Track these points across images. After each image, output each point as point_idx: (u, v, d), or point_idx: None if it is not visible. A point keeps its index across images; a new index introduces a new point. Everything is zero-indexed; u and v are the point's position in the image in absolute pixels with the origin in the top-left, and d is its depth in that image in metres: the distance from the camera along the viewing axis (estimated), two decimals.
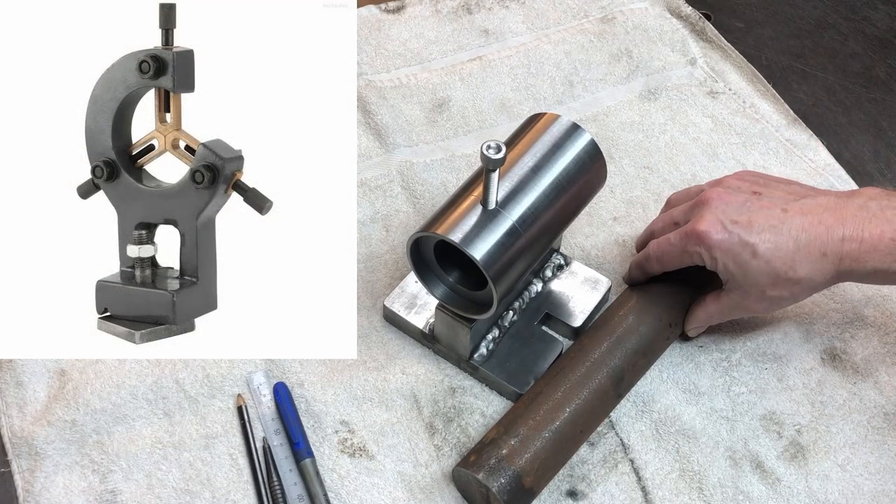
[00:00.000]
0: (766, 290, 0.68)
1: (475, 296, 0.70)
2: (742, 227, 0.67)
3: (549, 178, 0.70)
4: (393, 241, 0.85)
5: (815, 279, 0.67)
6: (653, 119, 0.96)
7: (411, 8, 1.05)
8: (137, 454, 0.71)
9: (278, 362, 0.76)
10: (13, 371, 0.75)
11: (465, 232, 0.65)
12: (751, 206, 0.68)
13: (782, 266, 0.67)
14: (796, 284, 0.67)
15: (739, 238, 0.67)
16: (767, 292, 0.68)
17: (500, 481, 0.65)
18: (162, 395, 0.74)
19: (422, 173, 0.90)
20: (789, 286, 0.68)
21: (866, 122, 0.97)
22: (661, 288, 0.76)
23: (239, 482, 0.70)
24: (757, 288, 0.68)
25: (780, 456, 0.72)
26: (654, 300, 0.75)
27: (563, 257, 0.81)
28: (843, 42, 1.05)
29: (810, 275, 0.67)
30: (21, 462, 0.70)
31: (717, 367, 0.77)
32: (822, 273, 0.67)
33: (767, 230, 0.67)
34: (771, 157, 0.92)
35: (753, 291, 0.69)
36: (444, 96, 0.97)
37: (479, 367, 0.75)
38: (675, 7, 1.06)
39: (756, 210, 0.68)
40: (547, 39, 1.03)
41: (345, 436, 0.72)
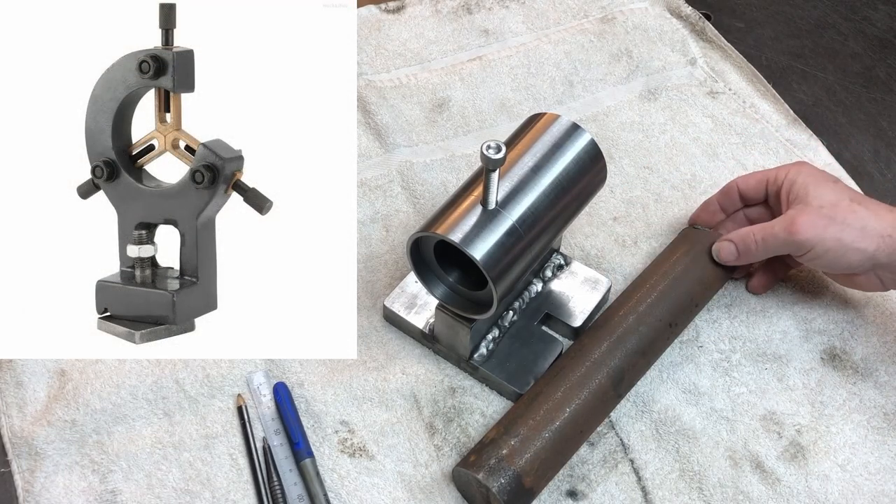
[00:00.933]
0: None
1: (475, 296, 0.70)
2: (836, 209, 0.73)
3: (549, 178, 0.70)
4: (393, 241, 0.85)
5: (879, 255, 0.72)
6: (653, 119, 0.96)
7: (411, 8, 1.05)
8: (137, 454, 0.71)
9: (278, 362, 0.76)
10: (13, 371, 0.75)
11: (465, 232, 0.65)
12: (854, 203, 0.74)
13: (856, 238, 0.72)
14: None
15: (835, 218, 0.72)
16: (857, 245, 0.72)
17: (500, 481, 0.65)
18: (162, 395, 0.74)
19: (422, 173, 0.90)
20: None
21: (866, 122, 0.97)
22: (662, 288, 0.76)
23: (239, 482, 0.70)
24: (816, 200, 0.74)
25: (780, 456, 0.72)
26: (655, 300, 0.75)
27: (563, 257, 0.81)
28: (843, 42, 1.05)
29: (875, 251, 0.71)
30: (21, 462, 0.70)
31: (717, 367, 0.77)
32: (883, 251, 0.72)
33: (852, 213, 0.72)
34: (771, 157, 0.92)
35: (812, 203, 0.73)
36: (444, 96, 0.97)
37: (479, 367, 0.75)
38: (675, 7, 1.06)
39: (859, 204, 0.74)
40: (547, 39, 1.03)
41: (345, 436, 0.72)
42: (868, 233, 0.72)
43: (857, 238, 0.72)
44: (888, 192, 0.90)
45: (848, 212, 0.72)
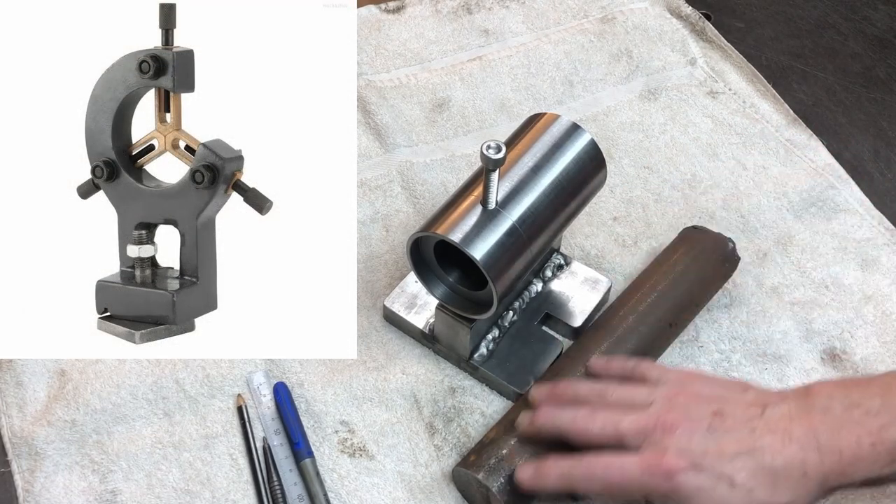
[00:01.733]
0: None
1: (475, 296, 0.70)
2: (714, 459, 0.60)
3: (549, 178, 0.70)
4: (393, 241, 0.85)
5: (802, 501, 0.61)
6: (653, 119, 0.96)
7: (411, 8, 1.05)
8: (137, 454, 0.71)
9: (278, 362, 0.76)
10: (13, 371, 0.75)
11: (465, 232, 0.65)
12: (717, 431, 0.61)
13: (765, 492, 0.59)
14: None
15: (713, 471, 0.59)
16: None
17: (500, 481, 0.65)
18: (162, 395, 0.74)
19: (422, 173, 0.90)
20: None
21: (866, 122, 0.97)
22: (662, 288, 0.76)
23: (239, 482, 0.70)
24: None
25: None
26: (655, 300, 0.75)
27: (563, 257, 0.81)
28: (843, 42, 1.05)
29: (796, 498, 0.60)
30: (21, 462, 0.70)
31: (717, 367, 0.77)
32: (807, 493, 0.60)
33: (741, 457, 0.60)
34: (771, 157, 0.92)
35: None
36: (444, 96, 0.97)
37: (479, 367, 0.75)
38: (675, 7, 1.06)
39: (723, 435, 0.61)
40: (547, 39, 1.03)
41: (345, 436, 0.72)
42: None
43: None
44: (888, 192, 0.90)
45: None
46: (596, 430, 0.63)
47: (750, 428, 0.61)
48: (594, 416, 0.64)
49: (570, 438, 0.64)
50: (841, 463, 0.60)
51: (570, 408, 0.65)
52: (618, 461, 0.61)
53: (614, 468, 0.61)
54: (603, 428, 0.63)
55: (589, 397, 0.66)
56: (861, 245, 0.85)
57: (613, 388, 0.66)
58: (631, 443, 0.62)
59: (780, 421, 0.61)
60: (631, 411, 0.63)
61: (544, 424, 0.65)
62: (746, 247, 0.84)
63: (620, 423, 0.62)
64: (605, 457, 0.62)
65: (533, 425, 0.66)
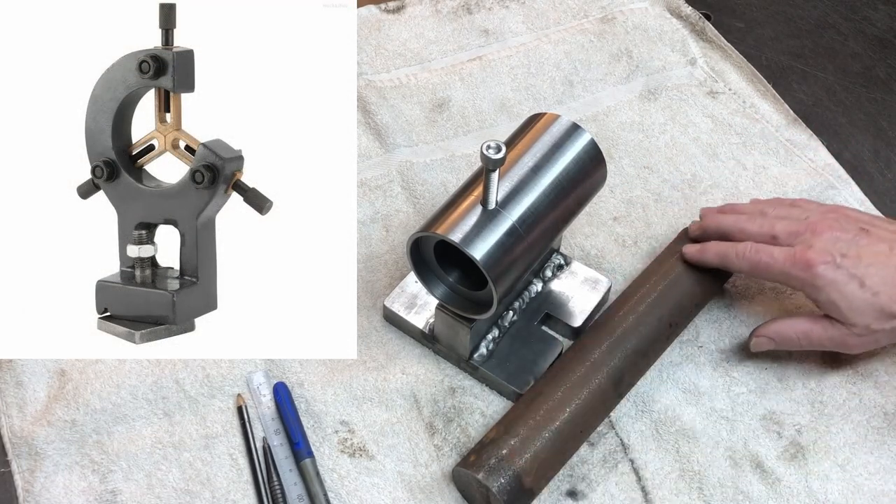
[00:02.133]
0: (870, 323, 0.69)
1: (475, 296, 0.70)
2: (851, 261, 0.69)
3: (549, 178, 0.70)
4: (393, 241, 0.85)
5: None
6: (653, 119, 0.96)
7: (411, 8, 1.05)
8: (137, 454, 0.71)
9: (278, 362, 0.76)
10: (13, 371, 0.75)
11: (465, 232, 0.65)
12: (860, 242, 0.70)
13: (888, 299, 0.68)
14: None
15: (848, 271, 0.69)
16: (871, 325, 0.69)
17: (500, 481, 0.65)
18: (162, 395, 0.74)
19: (422, 173, 0.90)
20: (892, 320, 0.69)
21: (866, 122, 0.97)
22: (662, 288, 0.76)
23: (239, 482, 0.70)
24: (862, 320, 0.69)
25: (780, 456, 0.72)
26: (655, 300, 0.75)
27: (563, 257, 0.81)
28: (843, 42, 1.05)
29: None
30: (21, 462, 0.70)
31: (717, 367, 0.77)
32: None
33: (875, 265, 0.69)
34: (771, 157, 0.92)
35: (859, 323, 0.69)
36: (444, 96, 0.97)
37: (479, 367, 0.75)
38: (675, 7, 1.06)
39: (864, 246, 0.70)
40: (547, 39, 1.03)
41: (345, 436, 0.72)
42: None
43: None
44: (888, 192, 0.90)
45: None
46: (754, 229, 0.74)
47: (890, 246, 0.70)
48: (754, 220, 0.75)
49: (732, 237, 0.75)
50: None
51: (733, 214, 0.77)
52: (768, 248, 0.72)
53: (764, 252, 0.72)
54: (760, 228, 0.74)
55: (752, 212, 0.76)
56: None
57: (774, 205, 0.77)
58: (783, 241, 0.72)
59: None
60: (787, 220, 0.73)
61: (710, 225, 0.77)
62: None
63: (776, 225, 0.73)
64: (758, 244, 0.73)
65: (700, 227, 0.78)
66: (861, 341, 0.71)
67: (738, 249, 0.74)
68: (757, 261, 0.72)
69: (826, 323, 0.71)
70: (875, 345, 0.72)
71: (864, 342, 0.71)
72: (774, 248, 0.72)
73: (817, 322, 0.72)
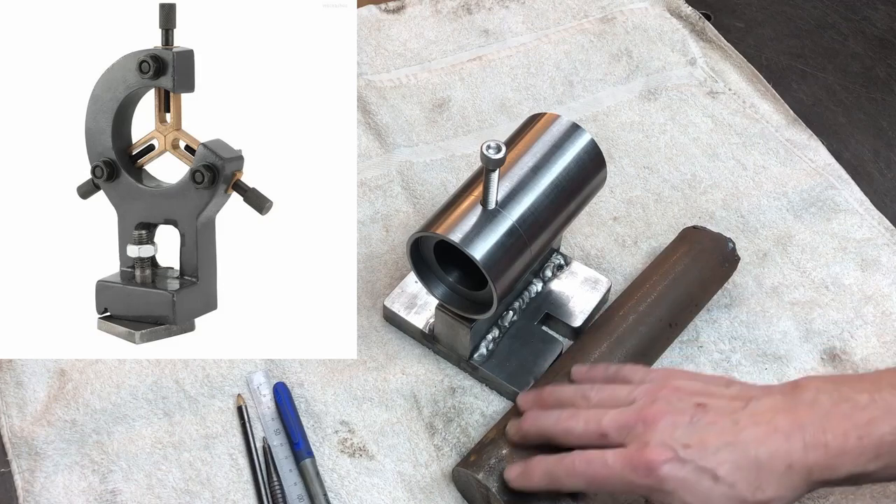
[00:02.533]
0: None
1: (475, 296, 0.70)
2: (695, 451, 0.58)
3: (549, 178, 0.70)
4: (393, 241, 0.85)
5: (786, 496, 0.59)
6: (653, 119, 0.96)
7: (411, 8, 1.05)
8: (137, 454, 0.71)
9: (278, 362, 0.76)
10: (13, 371, 0.75)
11: (465, 232, 0.65)
12: (699, 423, 0.60)
13: (747, 488, 0.58)
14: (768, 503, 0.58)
15: (696, 464, 0.58)
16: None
17: (500, 481, 0.65)
18: (162, 395, 0.74)
19: (422, 173, 0.90)
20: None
21: (866, 122, 0.97)
22: (662, 288, 0.76)
23: (239, 482, 0.70)
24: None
25: None
26: (655, 300, 0.75)
27: (563, 257, 0.81)
28: (843, 42, 1.05)
29: (780, 493, 0.58)
30: (21, 462, 0.70)
31: (717, 367, 0.77)
32: (791, 488, 0.59)
33: (723, 449, 0.58)
34: (771, 157, 0.92)
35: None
36: (444, 96, 0.97)
37: (479, 367, 0.75)
38: (675, 7, 1.06)
39: (705, 427, 0.59)
40: (547, 39, 1.03)
41: (345, 436, 0.72)
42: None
43: None
44: (888, 193, 0.90)
45: None
46: (579, 429, 0.63)
47: (733, 420, 0.60)
48: (577, 416, 0.63)
49: (556, 440, 0.64)
50: (827, 456, 0.58)
51: (554, 411, 0.65)
52: (599, 456, 0.60)
53: (596, 463, 0.60)
54: (586, 426, 0.62)
55: (573, 400, 0.66)
56: (861, 245, 0.85)
57: (597, 389, 0.66)
58: (614, 439, 0.61)
59: (765, 413, 0.60)
60: (613, 409, 0.63)
61: (529, 429, 0.65)
62: (746, 247, 0.84)
63: (602, 420, 0.62)
64: (587, 452, 0.61)
65: (519, 431, 0.66)
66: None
67: (565, 465, 0.62)
68: (592, 475, 0.60)
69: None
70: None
71: None
72: (607, 454, 0.60)
73: None
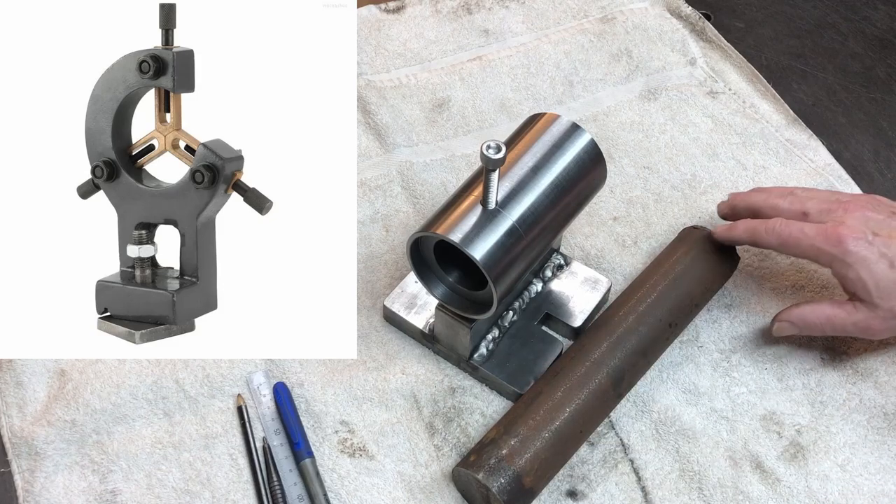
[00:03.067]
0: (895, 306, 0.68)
1: (475, 296, 0.70)
2: (882, 240, 0.68)
3: (549, 178, 0.70)
4: (393, 241, 0.85)
5: None
6: (653, 119, 0.96)
7: (411, 8, 1.05)
8: (137, 454, 0.71)
9: (278, 362, 0.76)
10: (13, 371, 0.75)
11: (465, 232, 0.65)
12: (891, 224, 0.69)
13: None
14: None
15: (879, 249, 0.68)
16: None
17: (499, 481, 0.65)
18: (162, 395, 0.74)
19: (422, 173, 0.90)
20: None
21: (866, 122, 0.97)
22: (662, 288, 0.76)
23: (239, 482, 0.70)
24: (888, 302, 0.68)
25: (780, 456, 0.72)
26: (655, 300, 0.75)
27: (563, 257, 0.81)
28: (843, 42, 1.05)
29: None
30: (21, 462, 0.70)
31: (717, 367, 0.77)
32: None
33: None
34: (771, 157, 0.92)
35: (883, 307, 0.69)
36: (444, 96, 0.97)
37: (479, 367, 0.75)
38: (675, 7, 1.06)
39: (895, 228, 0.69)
40: (547, 39, 1.03)
41: (345, 436, 0.72)
42: None
43: None
44: (888, 192, 0.90)
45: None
46: (785, 205, 0.73)
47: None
48: (784, 196, 0.74)
49: (762, 214, 0.75)
50: None
51: (763, 191, 0.77)
52: (798, 224, 0.71)
53: (794, 227, 0.71)
54: (791, 205, 0.73)
55: (781, 194, 0.75)
56: None
57: (803, 189, 0.75)
58: (814, 218, 0.71)
59: None
60: (817, 197, 0.73)
61: (739, 202, 0.77)
62: (746, 247, 0.84)
63: (807, 203, 0.72)
64: (788, 220, 0.72)
65: (728, 205, 0.78)
66: (885, 325, 0.70)
67: (767, 225, 0.73)
68: (787, 235, 0.71)
69: (850, 307, 0.71)
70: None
71: (888, 327, 0.70)
72: (805, 224, 0.71)
73: (841, 307, 0.71)
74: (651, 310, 0.74)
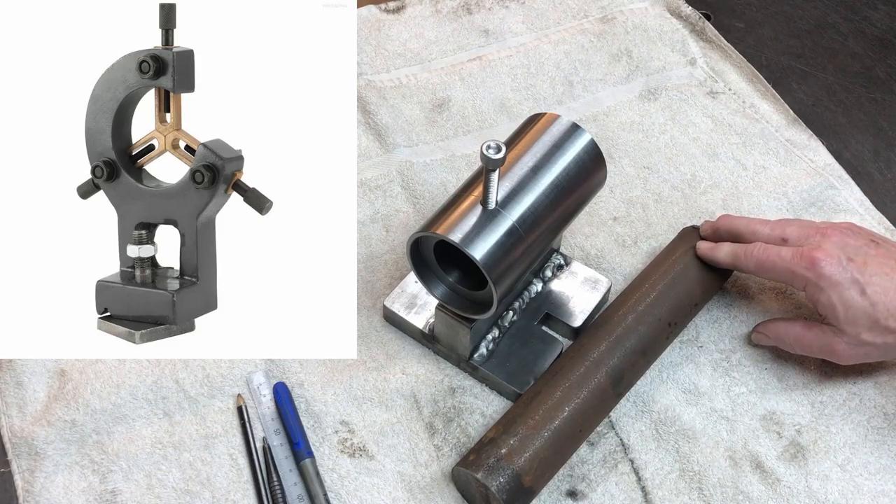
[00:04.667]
0: (861, 333, 0.69)
1: (475, 296, 0.70)
2: (856, 266, 0.69)
3: (549, 178, 0.70)
4: (393, 241, 0.85)
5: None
6: (653, 119, 0.96)
7: (411, 8, 1.05)
8: (137, 454, 0.71)
9: (278, 362, 0.76)
10: (13, 371, 0.75)
11: (465, 232, 0.65)
12: (868, 251, 0.70)
13: (884, 312, 0.68)
14: (891, 334, 0.68)
15: (852, 274, 0.69)
16: (862, 336, 0.69)
17: (499, 480, 0.65)
18: (162, 395, 0.74)
19: (422, 173, 0.90)
20: (884, 335, 0.69)
21: (866, 122, 0.97)
22: (662, 288, 0.76)
23: (239, 482, 0.70)
24: (854, 329, 0.69)
25: (780, 456, 0.72)
26: (655, 300, 0.75)
27: (563, 257, 0.81)
28: (843, 42, 1.05)
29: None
30: (21, 462, 0.70)
31: (717, 367, 0.77)
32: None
33: (879, 275, 0.68)
34: (771, 157, 0.92)
35: (849, 332, 0.70)
36: (444, 96, 0.97)
37: (479, 367, 0.75)
38: (675, 7, 1.06)
39: (872, 256, 0.70)
40: (547, 39, 1.03)
41: (345, 436, 0.72)
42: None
43: None
44: (888, 192, 0.90)
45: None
46: (765, 231, 0.75)
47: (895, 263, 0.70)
48: (765, 223, 0.76)
49: (742, 237, 0.76)
50: None
51: (745, 217, 0.79)
52: (776, 248, 0.73)
53: (772, 251, 0.73)
54: (771, 231, 0.75)
55: (762, 222, 0.77)
56: None
57: (787, 220, 0.77)
58: (792, 243, 0.73)
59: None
60: (797, 224, 0.75)
61: (722, 225, 0.78)
62: None
63: (786, 228, 0.74)
64: (767, 245, 0.73)
65: (711, 227, 0.79)
66: (850, 352, 0.71)
67: (747, 250, 0.74)
68: (765, 258, 0.73)
69: (818, 330, 0.72)
70: (865, 358, 0.71)
71: (853, 353, 0.71)
72: (782, 248, 0.72)
73: (811, 329, 0.73)
74: (651, 309, 0.74)
